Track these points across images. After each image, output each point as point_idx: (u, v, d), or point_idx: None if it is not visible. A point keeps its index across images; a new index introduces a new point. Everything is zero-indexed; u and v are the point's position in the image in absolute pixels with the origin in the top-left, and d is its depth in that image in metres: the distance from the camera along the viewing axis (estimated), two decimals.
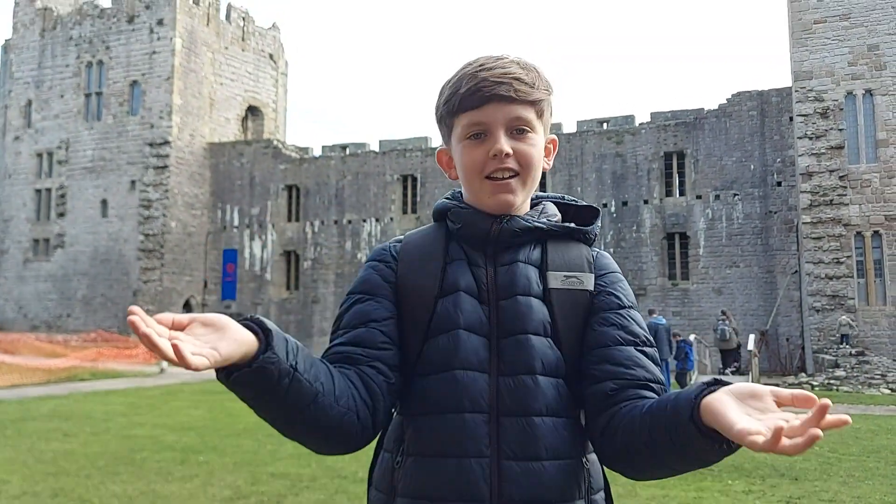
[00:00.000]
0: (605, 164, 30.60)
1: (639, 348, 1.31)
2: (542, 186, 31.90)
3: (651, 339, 1.34)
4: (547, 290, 1.33)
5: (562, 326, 1.32)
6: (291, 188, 35.46)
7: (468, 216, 1.37)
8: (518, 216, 1.36)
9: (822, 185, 24.43)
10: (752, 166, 28.32)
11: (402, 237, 1.46)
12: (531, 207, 1.42)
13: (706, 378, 1.83)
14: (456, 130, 1.37)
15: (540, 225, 1.37)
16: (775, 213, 27.78)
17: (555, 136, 1.44)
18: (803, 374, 22.18)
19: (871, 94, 24.36)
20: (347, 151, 35.06)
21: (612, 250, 29.77)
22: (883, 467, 7.97)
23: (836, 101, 24.66)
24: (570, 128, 32.05)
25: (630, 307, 1.36)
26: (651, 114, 31.07)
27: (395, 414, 1.36)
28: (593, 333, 1.32)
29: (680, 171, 29.81)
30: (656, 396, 1.23)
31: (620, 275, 1.40)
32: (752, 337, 21.21)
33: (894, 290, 23.49)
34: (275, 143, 36.31)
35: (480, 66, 1.35)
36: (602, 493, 1.32)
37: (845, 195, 24.25)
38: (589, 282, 1.36)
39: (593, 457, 1.32)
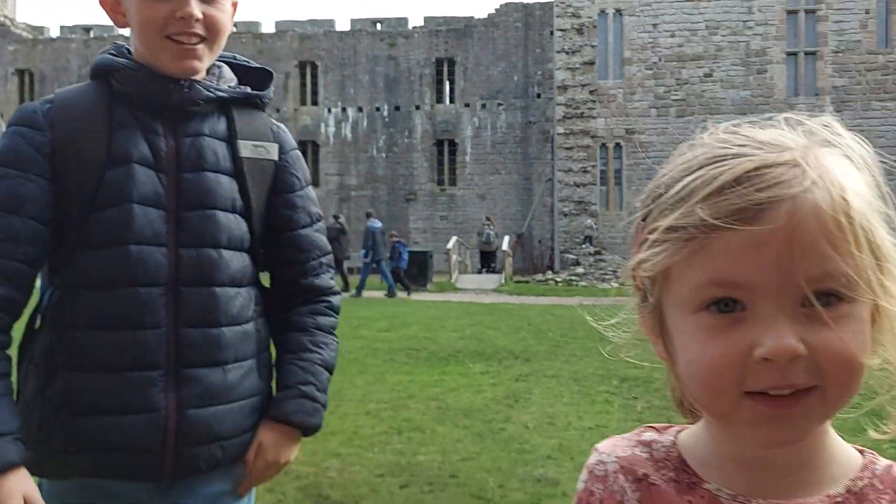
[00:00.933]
0: (379, 67, 30.31)
1: (314, 227, 1.45)
2: (314, 87, 31.15)
3: (320, 213, 1.49)
4: (238, 160, 1.34)
5: (253, 197, 1.35)
6: (24, 73, 31.19)
7: (141, 78, 1.27)
8: (199, 83, 1.30)
9: (575, 98, 26.22)
10: (516, 77, 29.61)
11: (51, 97, 1.28)
12: (207, 72, 1.36)
13: None
14: None
15: (223, 94, 1.33)
16: (534, 123, 29.49)
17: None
18: (550, 272, 24.31)
19: (621, 14, 26.24)
20: (92, 34, 31.25)
21: (384, 155, 30.04)
22: (601, 347, 8.86)
23: (591, 18, 26.27)
24: (342, 25, 31.27)
25: (309, 185, 1.46)
26: (425, 18, 31.09)
27: (50, 289, 1.31)
28: (281, 217, 1.40)
29: (451, 79, 30.42)
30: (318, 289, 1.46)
31: (299, 151, 1.47)
32: (506, 238, 22.70)
33: (629, 196, 26.26)
34: (1, 19, 31.30)
35: None
36: (268, 352, 1.41)
37: (594, 109, 26.29)
38: (274, 152, 1.39)
39: (263, 320, 1.40)
